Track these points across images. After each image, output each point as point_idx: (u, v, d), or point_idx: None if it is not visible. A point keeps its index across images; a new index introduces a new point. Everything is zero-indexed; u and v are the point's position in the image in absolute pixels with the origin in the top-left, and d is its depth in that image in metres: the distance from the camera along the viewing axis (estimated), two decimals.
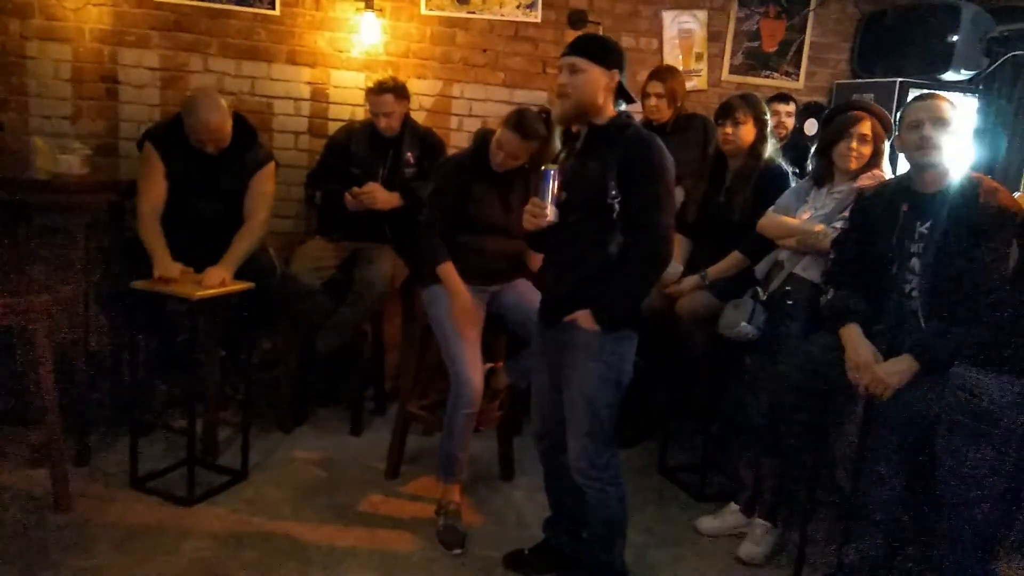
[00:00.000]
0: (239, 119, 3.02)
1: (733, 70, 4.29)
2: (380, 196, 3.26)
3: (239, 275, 2.88)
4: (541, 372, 2.33)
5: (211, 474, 2.89)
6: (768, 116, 3.01)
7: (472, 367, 2.63)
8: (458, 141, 3.88)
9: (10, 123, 3.43)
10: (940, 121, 2.12)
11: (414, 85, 3.72)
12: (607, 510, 2.21)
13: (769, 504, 2.68)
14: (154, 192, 2.92)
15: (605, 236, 2.10)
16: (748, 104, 2.95)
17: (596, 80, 2.08)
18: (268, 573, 2.35)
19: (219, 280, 2.75)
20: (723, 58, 4.27)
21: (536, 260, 2.65)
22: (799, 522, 2.55)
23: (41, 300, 2.44)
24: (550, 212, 2.12)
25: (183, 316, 2.92)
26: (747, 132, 2.93)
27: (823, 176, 2.65)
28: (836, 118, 2.64)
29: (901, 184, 2.26)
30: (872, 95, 3.95)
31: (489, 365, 2.78)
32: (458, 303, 2.68)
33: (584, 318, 2.11)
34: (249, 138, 3.04)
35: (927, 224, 2.13)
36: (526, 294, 2.84)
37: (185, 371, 2.92)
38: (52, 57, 3.45)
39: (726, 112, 2.97)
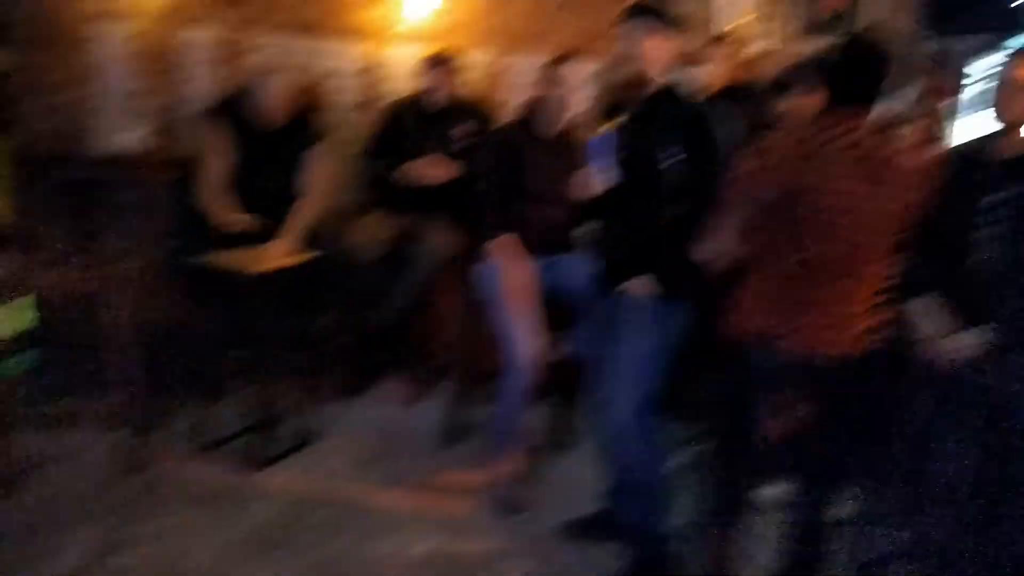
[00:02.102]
0: (300, 95, 3.07)
1: (789, 35, 4.18)
2: (432, 170, 3.28)
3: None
4: (599, 341, 2.34)
5: (276, 440, 2.97)
6: None
7: (527, 339, 2.65)
8: (511, 112, 3.86)
9: (72, 102, 3.52)
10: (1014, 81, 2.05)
11: (466, 57, 3.70)
12: (640, 473, 2.24)
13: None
14: (215, 167, 2.99)
15: (662, 204, 2.11)
16: (810, 75, 2.88)
17: None
18: (330, 537, 2.43)
19: (279, 254, 2.82)
20: (779, 23, 4.16)
21: None
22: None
23: (113, 271, 2.53)
24: (599, 181, 2.13)
25: (246, 288, 2.99)
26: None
27: None
28: None
29: (979, 148, 2.18)
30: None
31: (545, 336, 2.79)
32: (513, 277, 2.69)
33: (639, 285, 2.12)
34: (308, 114, 3.10)
35: (1007, 191, 2.06)
36: (583, 264, 2.83)
37: (251, 341, 3.00)
38: (112, 36, 3.52)
39: (788, 83, 2.89)
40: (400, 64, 3.81)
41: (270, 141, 3.00)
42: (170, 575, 2.22)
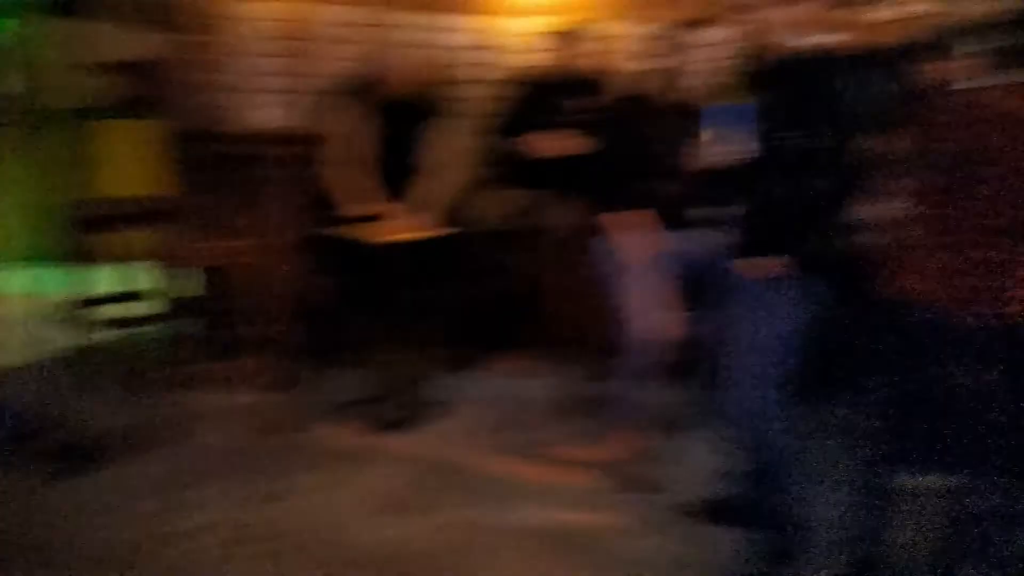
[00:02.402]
0: (425, 71, 3.13)
1: None
2: (555, 144, 3.26)
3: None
4: (729, 319, 2.28)
5: (404, 407, 3.08)
6: None
7: (648, 315, 2.61)
8: (633, 83, 3.77)
9: (213, 80, 3.71)
10: None
11: (591, 28, 3.62)
12: (774, 457, 2.17)
13: None
14: (347, 143, 3.11)
15: (796, 177, 2.03)
16: (965, 36, 2.66)
17: None
18: (455, 503, 2.50)
19: (403, 227, 2.91)
20: None
21: None
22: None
23: (259, 243, 2.68)
24: (724, 153, 2.07)
25: (372, 259, 3.12)
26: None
27: None
28: None
29: None
30: None
31: (670, 313, 2.75)
32: (633, 252, 2.65)
33: (773, 263, 2.05)
34: (433, 90, 3.16)
35: None
36: (710, 239, 2.75)
37: (381, 310, 3.13)
38: (251, 16, 3.68)
39: (940, 46, 2.69)
40: (523, 38, 3.79)
41: (397, 117, 3.08)
42: (303, 530, 2.33)
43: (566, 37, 3.29)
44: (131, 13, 3.65)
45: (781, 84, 2.10)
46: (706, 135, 2.25)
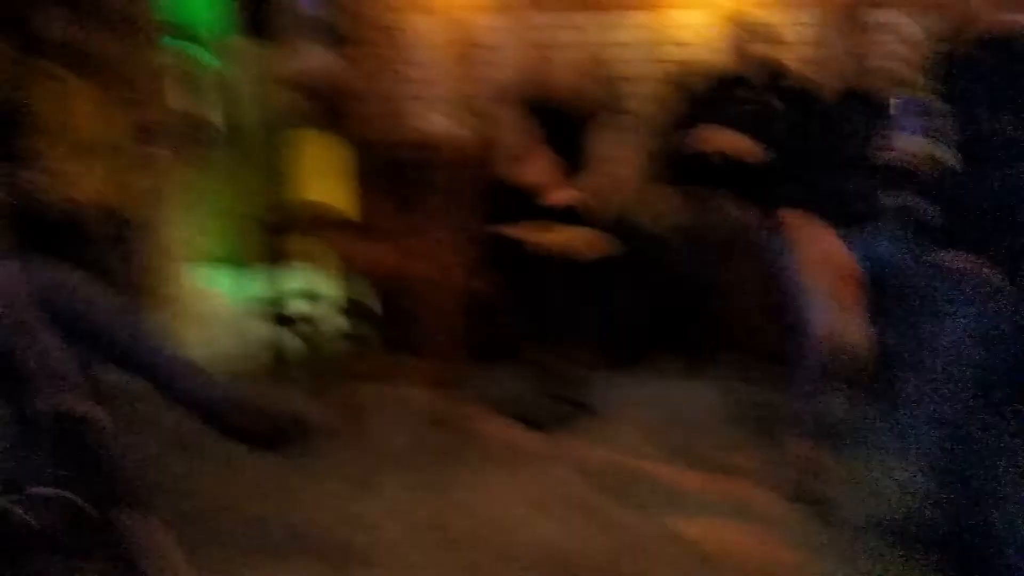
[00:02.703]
0: (591, 72, 3.16)
1: None
2: (722, 140, 3.15)
3: None
4: (918, 324, 2.13)
5: (566, 407, 3.10)
6: None
7: (827, 320, 2.47)
8: (809, 74, 3.57)
9: (384, 90, 3.91)
10: None
11: (770, 17, 3.45)
12: (967, 476, 2.00)
13: None
14: (515, 148, 3.18)
15: (996, 169, 1.86)
16: None
17: None
18: (621, 507, 2.47)
19: (568, 240, 2.99)
20: None
21: None
22: None
23: (425, 246, 2.81)
24: (901, 146, 1.93)
25: (543, 261, 3.17)
26: None
27: None
28: None
29: None
30: None
31: (851, 317, 2.59)
32: (810, 252, 2.52)
33: (970, 260, 1.89)
34: (601, 91, 3.17)
35: None
36: (896, 237, 2.57)
37: (546, 310, 3.16)
38: (420, 27, 3.84)
39: None
40: (693, 31, 3.69)
41: (565, 119, 3.12)
42: (470, 524, 2.39)
43: (739, 28, 3.17)
44: (313, 32, 3.93)
45: (983, 69, 1.93)
46: (892, 127, 2.10)
